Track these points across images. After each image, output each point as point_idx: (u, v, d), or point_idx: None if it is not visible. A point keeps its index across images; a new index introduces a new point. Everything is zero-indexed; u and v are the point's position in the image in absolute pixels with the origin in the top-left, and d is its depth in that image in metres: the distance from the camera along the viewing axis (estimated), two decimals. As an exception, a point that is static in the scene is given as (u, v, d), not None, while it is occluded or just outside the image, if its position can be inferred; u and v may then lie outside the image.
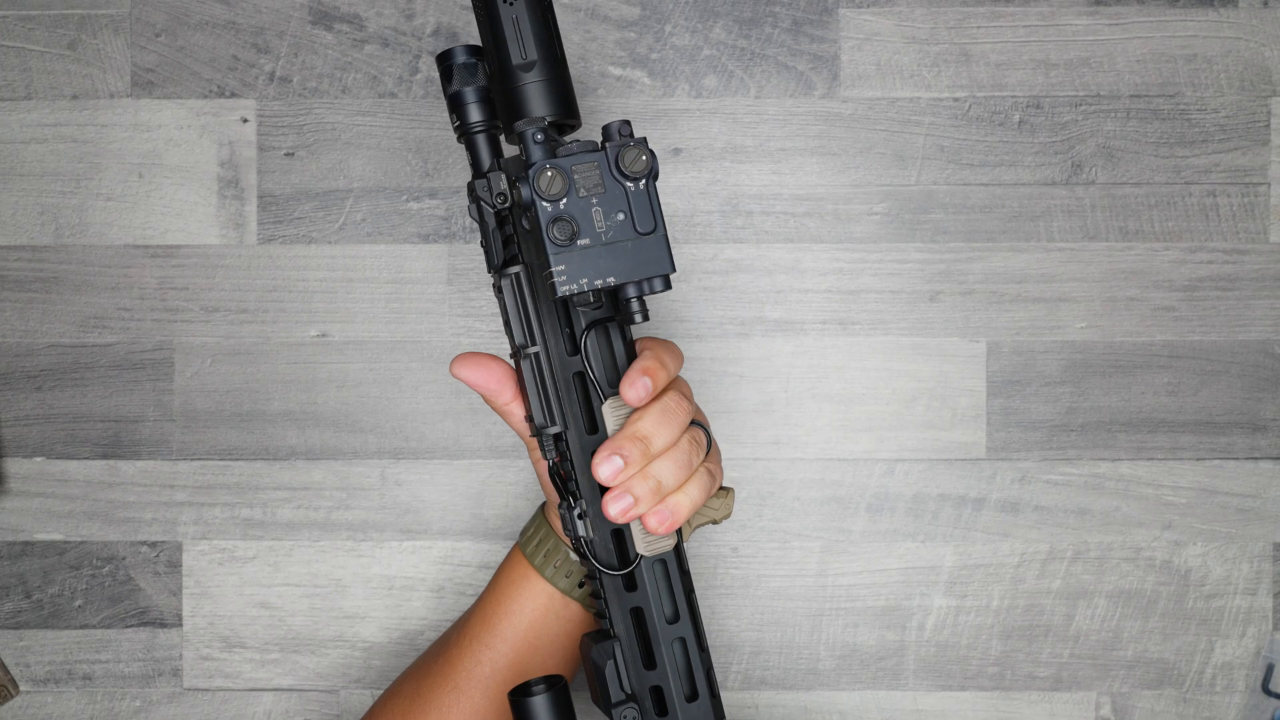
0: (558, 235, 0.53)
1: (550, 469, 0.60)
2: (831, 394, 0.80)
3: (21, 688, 0.80)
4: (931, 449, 0.80)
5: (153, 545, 0.80)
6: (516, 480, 0.80)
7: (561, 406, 0.58)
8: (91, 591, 0.80)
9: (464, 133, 0.59)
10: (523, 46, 0.57)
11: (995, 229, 0.80)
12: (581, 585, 0.64)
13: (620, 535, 0.59)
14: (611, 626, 0.59)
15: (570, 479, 0.59)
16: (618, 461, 0.55)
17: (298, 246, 0.80)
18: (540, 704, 0.57)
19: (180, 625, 0.80)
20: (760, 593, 0.80)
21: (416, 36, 0.79)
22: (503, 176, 0.57)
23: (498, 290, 0.59)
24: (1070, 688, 0.79)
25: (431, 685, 0.67)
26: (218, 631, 0.80)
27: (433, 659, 0.68)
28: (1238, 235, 0.79)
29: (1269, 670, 0.79)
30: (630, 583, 0.59)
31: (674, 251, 0.80)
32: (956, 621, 0.79)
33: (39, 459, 0.80)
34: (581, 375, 0.58)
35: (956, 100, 0.80)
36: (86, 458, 0.80)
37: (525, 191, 0.53)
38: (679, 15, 0.80)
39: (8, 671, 0.80)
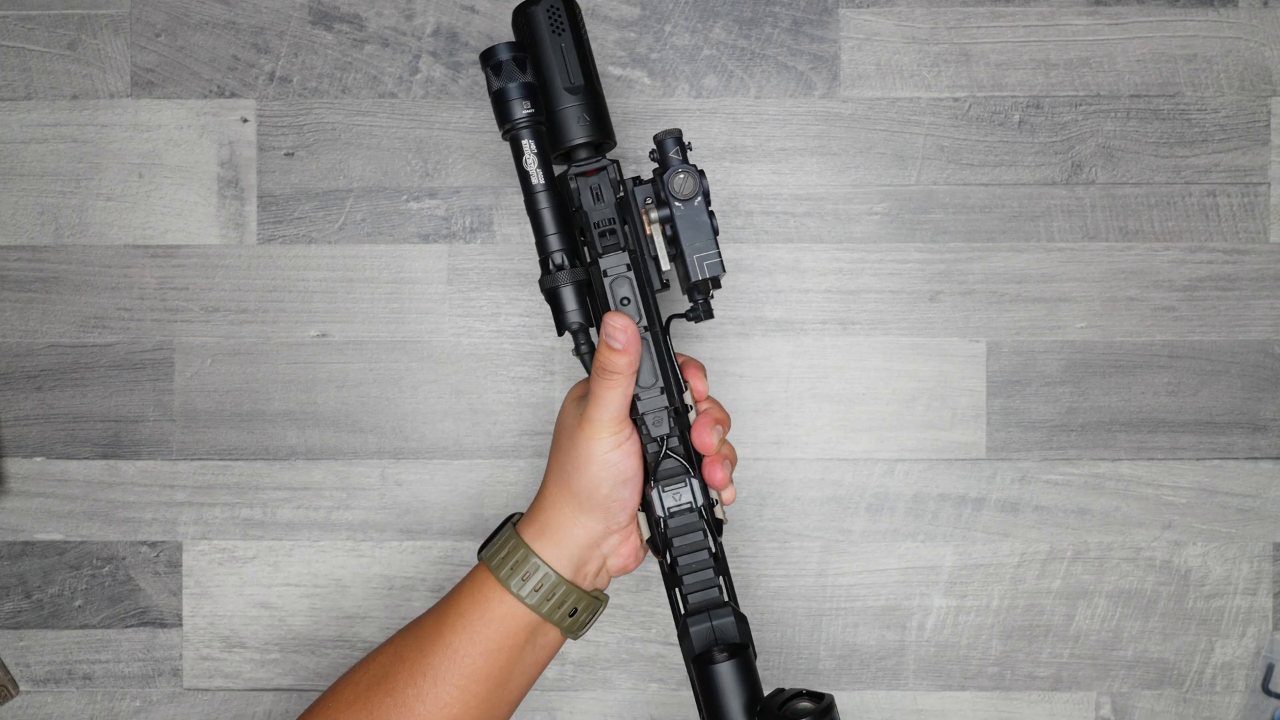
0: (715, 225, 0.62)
1: (671, 447, 0.63)
2: (831, 394, 0.80)
3: (21, 688, 0.80)
4: (931, 449, 0.80)
5: (153, 545, 0.80)
6: (516, 480, 0.80)
7: (679, 378, 0.65)
8: (91, 591, 0.80)
9: (512, 129, 0.62)
10: (569, 73, 0.63)
11: (995, 229, 0.80)
12: (551, 599, 0.62)
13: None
14: (682, 604, 0.64)
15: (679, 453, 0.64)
16: (719, 430, 0.63)
17: (298, 246, 0.80)
18: (726, 670, 0.60)
19: (180, 625, 0.80)
20: (760, 593, 0.80)
21: (416, 36, 0.79)
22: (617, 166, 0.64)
23: (605, 274, 0.63)
24: (1070, 688, 0.79)
25: (371, 712, 0.63)
26: (218, 631, 0.80)
27: (376, 682, 0.64)
28: (1238, 235, 0.79)
29: (1269, 670, 0.79)
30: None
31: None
32: (956, 621, 0.79)
33: (39, 459, 0.80)
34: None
35: (956, 100, 0.80)
36: (86, 458, 0.80)
37: (692, 185, 0.62)
38: (679, 15, 0.80)
39: (8, 671, 0.80)
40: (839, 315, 0.80)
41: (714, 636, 0.63)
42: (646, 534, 0.64)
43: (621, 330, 0.61)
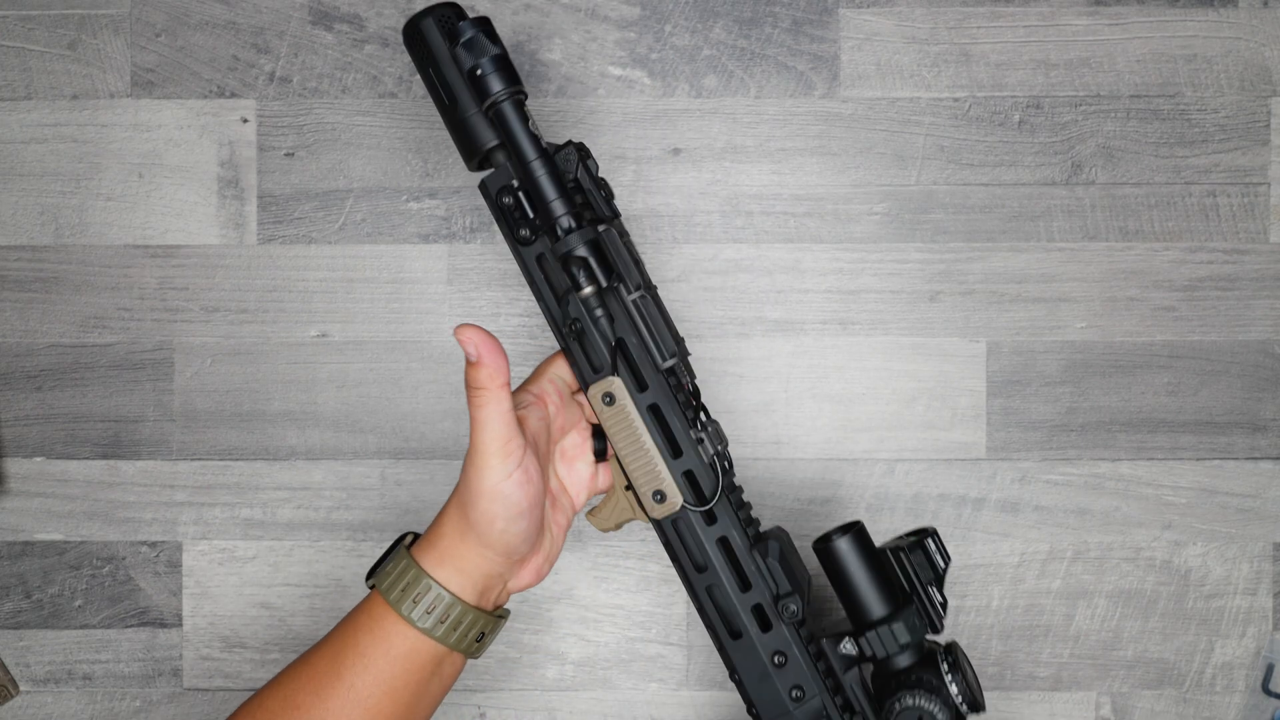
0: None
1: (687, 400, 0.64)
2: (831, 394, 0.80)
3: (21, 688, 0.80)
4: (931, 449, 0.80)
5: (153, 545, 0.80)
6: (516, 480, 0.80)
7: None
8: (91, 591, 0.80)
9: (493, 105, 0.62)
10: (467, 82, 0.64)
11: (995, 229, 0.80)
12: (459, 629, 0.59)
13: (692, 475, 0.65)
14: (692, 576, 0.66)
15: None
16: None
17: (298, 246, 0.80)
18: (847, 545, 0.64)
19: (180, 625, 0.80)
20: (760, 593, 0.80)
21: (416, 36, 0.79)
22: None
23: (602, 237, 0.63)
24: (1070, 688, 0.79)
25: None
26: (218, 631, 0.80)
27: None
28: (1238, 235, 0.79)
29: (1269, 670, 0.79)
30: (711, 517, 0.65)
31: (674, 251, 0.80)
32: (956, 621, 0.79)
33: (39, 459, 0.80)
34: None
35: (956, 100, 0.80)
36: (86, 458, 0.80)
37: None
38: (679, 15, 0.80)
39: (8, 671, 0.80)
40: (839, 315, 0.80)
41: (788, 542, 0.66)
42: (677, 502, 0.64)
43: (470, 342, 0.58)
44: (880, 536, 0.79)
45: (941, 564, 0.64)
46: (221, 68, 0.80)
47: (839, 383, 0.80)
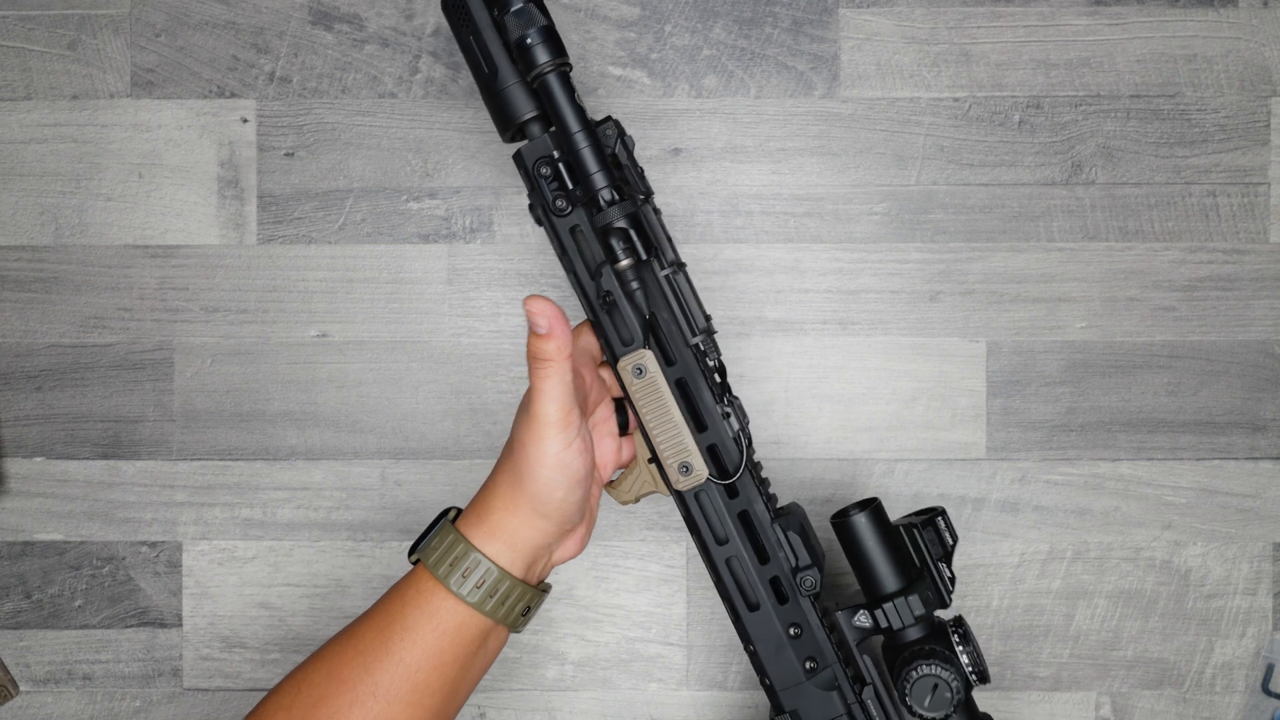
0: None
1: (707, 378, 0.65)
2: (831, 394, 0.80)
3: (21, 688, 0.80)
4: (931, 449, 0.80)
5: (153, 545, 0.80)
6: (516, 480, 0.80)
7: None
8: (91, 591, 0.80)
9: (539, 75, 0.62)
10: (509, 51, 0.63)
11: (995, 229, 0.80)
12: (506, 602, 0.60)
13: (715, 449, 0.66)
14: (711, 548, 0.67)
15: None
16: None
17: (298, 246, 0.80)
18: (864, 521, 0.66)
19: (180, 625, 0.80)
20: (760, 593, 0.80)
21: (416, 36, 0.79)
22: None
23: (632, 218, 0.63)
24: (1070, 688, 0.79)
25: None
26: (218, 631, 0.80)
27: (313, 706, 0.59)
28: (1238, 235, 0.79)
29: (1269, 670, 0.79)
30: (734, 491, 0.67)
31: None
32: (956, 621, 0.80)
33: (39, 459, 0.80)
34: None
35: (956, 100, 0.80)
36: (86, 458, 0.80)
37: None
38: (679, 15, 0.80)
39: (8, 671, 0.80)
40: (839, 315, 0.80)
41: (805, 516, 0.68)
42: (701, 474, 0.65)
43: (541, 314, 0.58)
44: (880, 536, 0.80)
45: (950, 541, 0.66)
46: (221, 68, 0.80)
47: (839, 383, 0.80)
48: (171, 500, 0.80)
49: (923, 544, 0.66)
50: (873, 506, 0.67)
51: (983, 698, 0.79)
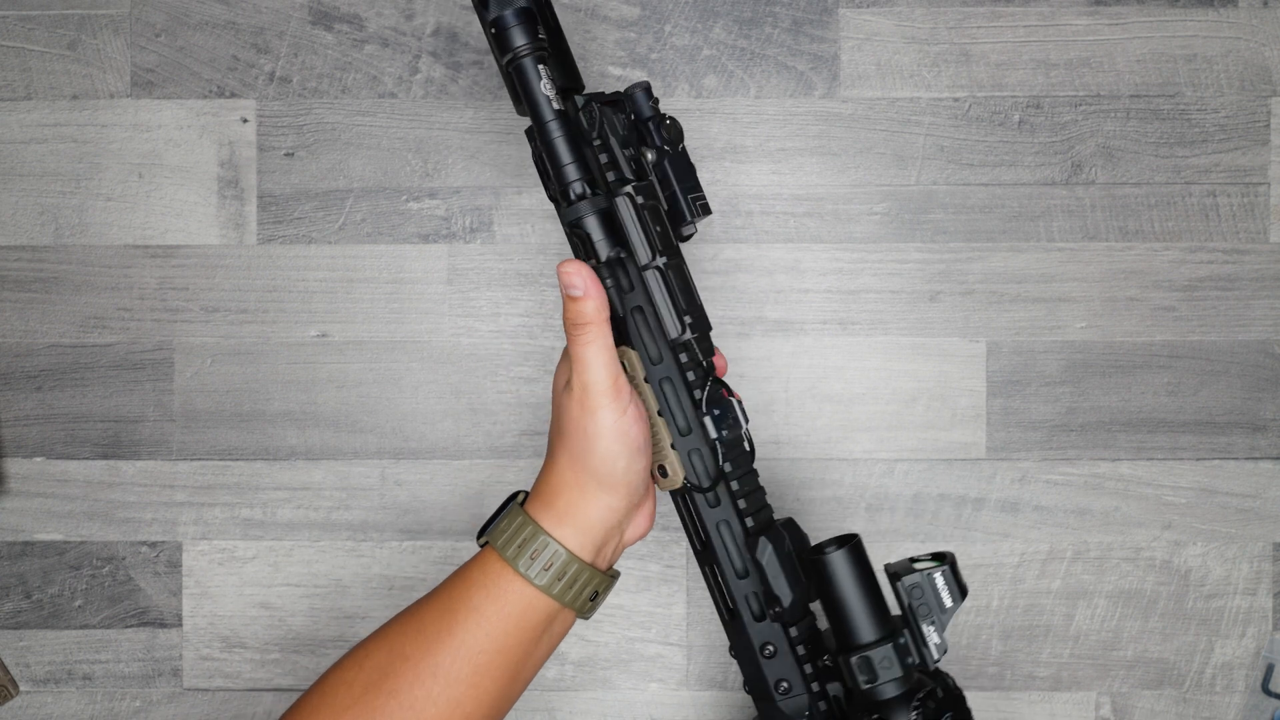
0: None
1: (699, 379, 0.62)
2: (831, 394, 0.80)
3: (21, 688, 0.80)
4: (931, 449, 0.80)
5: (153, 545, 0.80)
6: (516, 480, 0.80)
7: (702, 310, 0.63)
8: (91, 591, 0.80)
9: (514, 59, 0.60)
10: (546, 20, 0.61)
11: (995, 229, 0.80)
12: (574, 586, 0.59)
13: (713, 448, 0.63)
14: (706, 540, 0.63)
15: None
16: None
17: (298, 246, 0.80)
18: (839, 559, 0.59)
19: (180, 625, 0.80)
20: (760, 593, 0.80)
21: (416, 36, 0.79)
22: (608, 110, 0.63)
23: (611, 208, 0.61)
24: (1070, 688, 0.79)
25: (373, 699, 0.58)
26: (218, 631, 0.80)
27: (375, 683, 0.58)
28: (1238, 235, 0.79)
29: (1269, 670, 0.79)
30: (716, 498, 0.64)
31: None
32: (956, 621, 0.79)
33: (39, 459, 0.80)
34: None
35: (956, 100, 0.80)
36: (86, 458, 0.80)
37: (679, 131, 0.62)
38: (679, 15, 0.80)
39: (8, 671, 0.80)
40: (839, 315, 0.80)
41: (786, 539, 0.62)
42: (679, 477, 0.62)
43: (575, 274, 0.58)
44: (879, 537, 0.79)
45: (948, 601, 0.58)
46: (221, 68, 0.80)
47: (839, 383, 0.80)
48: (171, 500, 0.80)
49: (908, 598, 0.59)
50: (850, 545, 0.60)
51: (983, 698, 0.79)
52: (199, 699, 0.80)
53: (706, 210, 0.63)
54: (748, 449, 0.63)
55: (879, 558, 0.79)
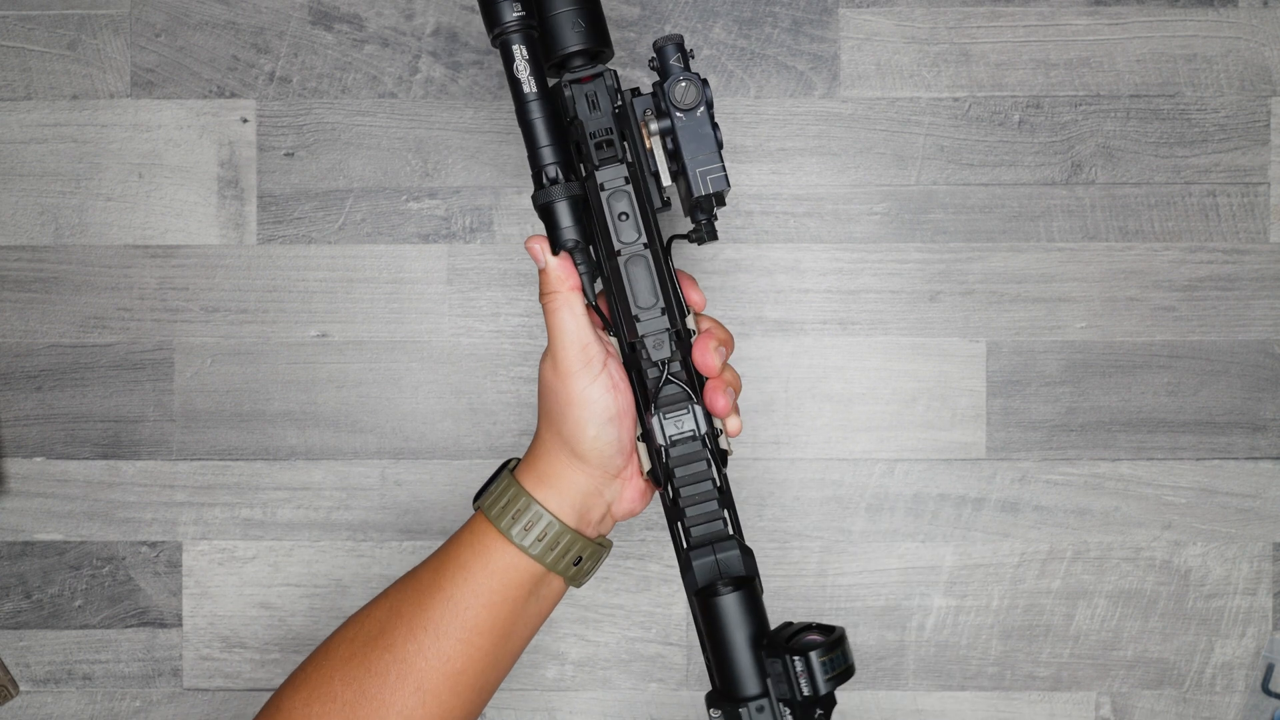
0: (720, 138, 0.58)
1: (673, 372, 0.60)
2: (831, 394, 0.80)
3: (21, 688, 0.80)
4: (931, 449, 0.80)
5: (153, 545, 0.80)
6: (516, 480, 0.80)
7: (682, 300, 0.61)
8: (91, 591, 0.80)
9: (502, 33, 0.59)
10: None
11: (995, 229, 0.80)
12: (556, 549, 0.60)
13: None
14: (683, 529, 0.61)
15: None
16: (722, 351, 0.60)
17: (298, 246, 0.80)
18: (731, 603, 0.58)
19: (180, 625, 0.80)
20: (760, 593, 0.80)
21: (416, 36, 0.79)
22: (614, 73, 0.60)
23: (595, 191, 0.59)
24: (1070, 688, 0.79)
25: (369, 669, 0.60)
26: (218, 631, 0.80)
27: (373, 638, 0.61)
28: (1238, 235, 0.79)
29: (1269, 670, 0.79)
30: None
31: (674, 251, 0.80)
32: (956, 621, 0.79)
33: (39, 459, 0.80)
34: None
35: (956, 100, 0.80)
36: (86, 458, 0.80)
37: (695, 94, 0.57)
38: (679, 15, 0.79)
39: (8, 671, 0.80)
40: (839, 315, 0.80)
41: (718, 570, 0.59)
42: (647, 465, 0.61)
43: (539, 246, 0.60)
44: (879, 537, 0.79)
45: (806, 690, 0.56)
46: (221, 68, 0.80)
47: (839, 383, 0.80)
48: (171, 500, 0.80)
49: (769, 674, 0.57)
50: (741, 590, 0.58)
51: (983, 697, 0.79)
52: (199, 699, 0.80)
53: (719, 191, 0.58)
54: (712, 449, 0.60)
55: (879, 557, 0.79)
